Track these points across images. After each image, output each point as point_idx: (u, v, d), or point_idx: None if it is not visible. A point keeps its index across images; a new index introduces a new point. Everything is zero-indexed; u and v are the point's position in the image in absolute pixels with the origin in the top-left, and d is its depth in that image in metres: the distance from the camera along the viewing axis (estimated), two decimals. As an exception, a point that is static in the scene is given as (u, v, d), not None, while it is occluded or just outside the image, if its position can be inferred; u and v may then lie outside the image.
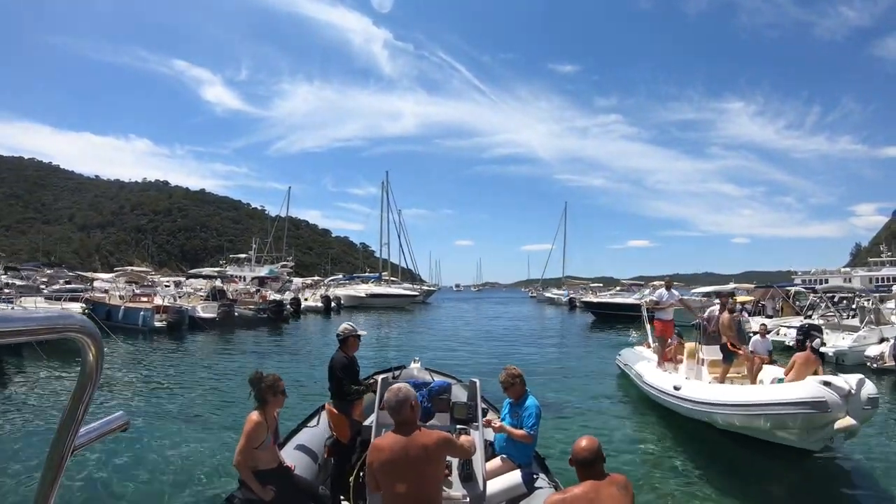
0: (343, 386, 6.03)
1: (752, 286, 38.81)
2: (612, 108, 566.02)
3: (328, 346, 26.06)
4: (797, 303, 30.00)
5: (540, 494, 4.97)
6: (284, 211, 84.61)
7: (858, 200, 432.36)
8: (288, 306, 43.14)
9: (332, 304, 51.69)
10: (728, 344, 10.63)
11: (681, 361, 12.55)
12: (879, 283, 58.68)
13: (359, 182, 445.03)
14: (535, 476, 5.35)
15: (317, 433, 6.42)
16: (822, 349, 18.90)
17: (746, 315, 29.77)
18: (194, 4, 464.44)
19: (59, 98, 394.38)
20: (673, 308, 13.42)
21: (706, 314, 12.00)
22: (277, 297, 45.62)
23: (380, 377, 6.38)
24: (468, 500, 4.49)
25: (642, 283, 55.58)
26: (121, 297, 33.39)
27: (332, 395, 6.15)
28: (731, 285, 40.22)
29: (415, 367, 7.54)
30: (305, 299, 51.56)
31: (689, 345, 12.60)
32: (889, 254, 75.30)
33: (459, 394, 6.24)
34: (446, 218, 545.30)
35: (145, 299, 32.83)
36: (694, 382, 10.49)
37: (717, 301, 12.76)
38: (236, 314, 32.62)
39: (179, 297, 36.68)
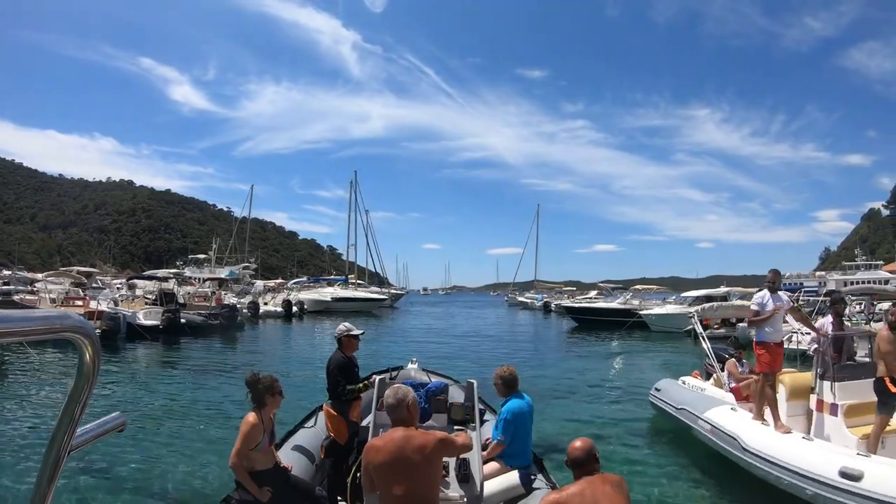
0: (338, 386, 5.96)
1: (755, 289, 36.79)
2: (579, 114, 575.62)
3: (288, 358, 23.42)
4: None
5: (538, 495, 4.95)
6: (247, 210, 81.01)
7: (821, 206, 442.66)
8: (245, 311, 40.07)
9: (295, 308, 48.51)
10: (887, 379, 6.67)
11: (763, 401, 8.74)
12: (829, 288, 58.21)
13: (326, 184, 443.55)
14: (532, 476, 5.35)
15: (314, 434, 6.40)
16: (856, 359, 16.84)
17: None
18: (162, 2, 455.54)
19: (23, 94, 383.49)
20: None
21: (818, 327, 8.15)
22: (234, 300, 42.53)
23: (377, 378, 6.20)
24: (465, 500, 4.45)
25: (622, 286, 53.41)
26: (52, 301, 30.03)
27: (330, 395, 6.09)
28: (723, 288, 38.21)
29: (412, 368, 7.73)
30: (265, 303, 48.36)
31: (793, 377, 8.17)
32: (864, 258, 75.52)
33: (457, 395, 6.20)
34: (414, 221, 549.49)
35: (80, 303, 29.53)
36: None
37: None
38: (183, 321, 29.16)
39: (122, 300, 33.28)
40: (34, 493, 1.10)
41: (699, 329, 12.08)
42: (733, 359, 10.19)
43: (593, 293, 64.32)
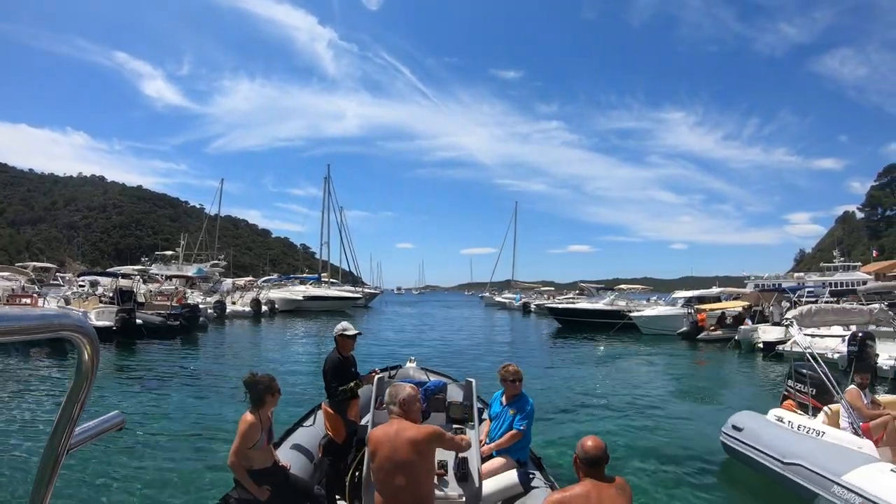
0: (331, 386, 5.94)
1: (750, 290, 35.52)
2: (553, 115, 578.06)
3: (255, 362, 21.38)
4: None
5: (536, 494, 4.96)
6: (216, 206, 78.05)
7: (793, 209, 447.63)
8: (211, 311, 37.89)
9: (265, 307, 46.44)
10: None
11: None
12: (833, 288, 57.95)
13: (300, 183, 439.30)
14: (531, 475, 5.33)
15: (312, 433, 6.39)
16: (881, 362, 15.52)
17: (750, 322, 26.42)
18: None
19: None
20: None
21: None
22: (200, 299, 40.45)
23: (376, 376, 6.13)
24: (464, 499, 4.45)
25: (603, 286, 51.98)
26: (-7, 300, 27.67)
27: (327, 394, 6.07)
28: (716, 289, 36.97)
29: (411, 367, 7.77)
30: (233, 302, 46.12)
31: None
32: (842, 259, 75.53)
33: (455, 393, 6.04)
34: (387, 220, 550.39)
35: (27, 301, 27.24)
36: None
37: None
38: (139, 322, 26.97)
39: (75, 298, 30.92)
40: (33, 492, 1.11)
41: (800, 341, 8.49)
42: (854, 386, 7.39)
43: (572, 294, 63.14)
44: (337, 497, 5.63)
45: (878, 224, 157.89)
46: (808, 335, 21.06)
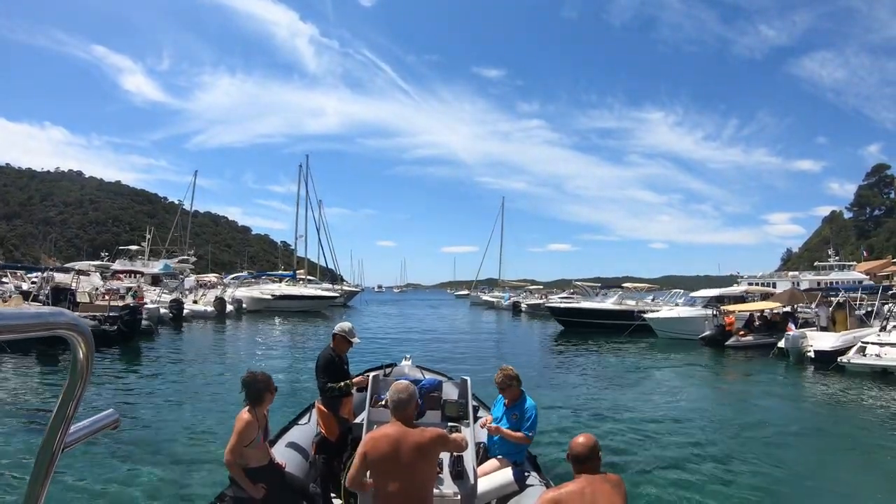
0: (319, 382, 5.96)
1: (779, 291, 32.07)
2: (535, 114, 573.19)
3: (205, 380, 16.83)
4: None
5: (531, 492, 4.96)
6: (189, 199, 74.00)
7: (772, 210, 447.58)
8: (166, 311, 33.85)
9: (230, 307, 42.53)
10: None
11: None
12: (830, 288, 56.39)
13: (280, 179, 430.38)
14: (526, 474, 5.32)
15: (307, 431, 6.43)
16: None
17: (794, 328, 22.87)
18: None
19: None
20: None
21: None
22: (154, 297, 36.61)
23: (371, 375, 6.20)
24: (459, 497, 4.46)
25: (598, 284, 48.63)
26: None
27: (319, 391, 6.10)
28: (738, 288, 33.68)
29: (406, 365, 7.57)
30: (195, 301, 41.98)
31: None
32: (837, 258, 74.17)
33: (450, 392, 6.12)
34: (368, 218, 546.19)
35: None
36: None
37: None
38: None
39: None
40: (28, 491, 1.11)
41: None
42: None
43: (566, 292, 60.20)
44: (332, 496, 5.58)
45: (867, 224, 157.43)
46: (878, 343, 17.81)
